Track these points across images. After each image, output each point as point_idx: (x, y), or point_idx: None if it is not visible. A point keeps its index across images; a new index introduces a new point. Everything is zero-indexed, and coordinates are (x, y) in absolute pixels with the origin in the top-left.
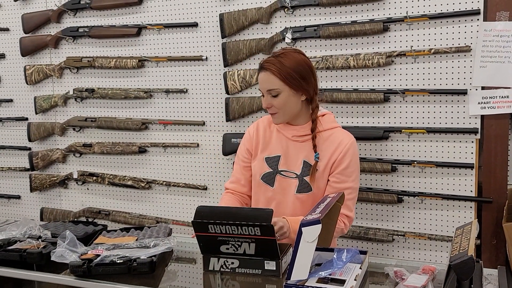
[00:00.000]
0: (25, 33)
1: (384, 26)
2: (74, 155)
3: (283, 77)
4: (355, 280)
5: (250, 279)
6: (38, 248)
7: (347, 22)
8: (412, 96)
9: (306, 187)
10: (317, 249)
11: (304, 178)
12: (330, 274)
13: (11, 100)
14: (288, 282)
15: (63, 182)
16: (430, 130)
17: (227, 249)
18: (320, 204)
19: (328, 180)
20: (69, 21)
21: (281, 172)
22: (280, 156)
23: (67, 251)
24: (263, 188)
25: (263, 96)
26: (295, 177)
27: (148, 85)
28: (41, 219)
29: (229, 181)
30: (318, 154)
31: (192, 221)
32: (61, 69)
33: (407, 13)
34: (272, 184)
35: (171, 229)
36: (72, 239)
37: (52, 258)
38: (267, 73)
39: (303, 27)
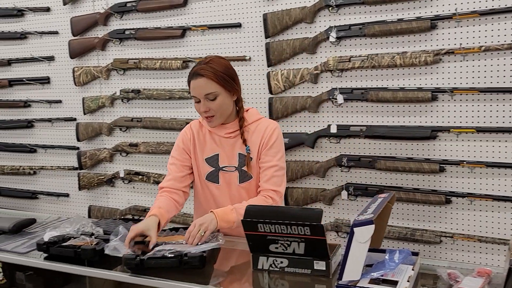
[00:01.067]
0: (74, 35)
1: (432, 23)
2: (120, 154)
3: (218, 80)
4: (408, 281)
5: (299, 279)
6: (92, 244)
7: (393, 20)
8: (461, 94)
9: (246, 176)
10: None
11: (242, 168)
12: (382, 275)
13: (60, 101)
14: (340, 282)
15: (110, 181)
16: (480, 130)
17: (276, 248)
18: (371, 204)
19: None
20: (115, 24)
21: (223, 168)
22: (218, 154)
23: (120, 245)
24: (210, 187)
25: (198, 102)
26: (235, 170)
27: None
28: (89, 217)
29: (164, 180)
30: (248, 147)
31: (241, 220)
32: (108, 71)
33: (456, 9)
34: (217, 181)
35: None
36: (125, 234)
37: (106, 252)
38: (203, 79)
39: (348, 25)
